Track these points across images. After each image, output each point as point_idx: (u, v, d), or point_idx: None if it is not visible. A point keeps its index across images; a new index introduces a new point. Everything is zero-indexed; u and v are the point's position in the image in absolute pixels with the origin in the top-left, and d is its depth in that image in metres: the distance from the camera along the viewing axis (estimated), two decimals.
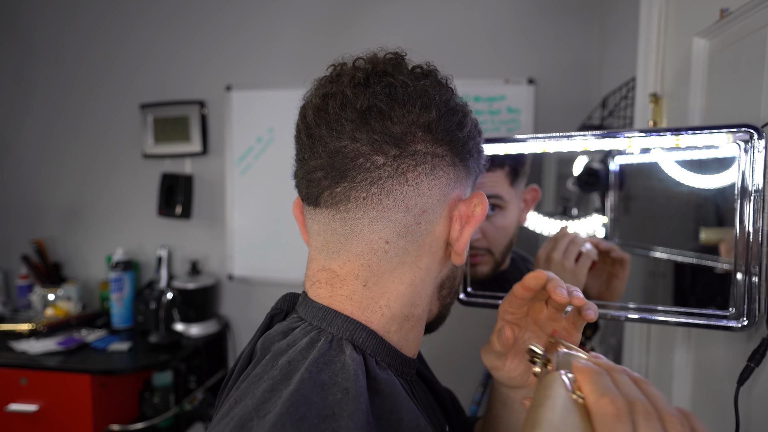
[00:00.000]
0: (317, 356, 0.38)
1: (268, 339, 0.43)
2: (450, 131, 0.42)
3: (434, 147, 0.42)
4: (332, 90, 0.41)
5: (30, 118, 2.04)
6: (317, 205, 0.43)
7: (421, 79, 0.42)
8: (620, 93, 1.12)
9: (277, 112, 1.77)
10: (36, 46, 2.01)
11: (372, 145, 0.40)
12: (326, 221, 0.43)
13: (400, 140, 0.40)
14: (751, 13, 0.63)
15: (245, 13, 1.80)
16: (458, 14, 1.64)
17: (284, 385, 0.36)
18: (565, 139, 0.65)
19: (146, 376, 1.62)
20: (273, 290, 1.83)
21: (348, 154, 0.40)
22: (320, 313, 0.43)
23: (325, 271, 0.44)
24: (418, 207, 0.42)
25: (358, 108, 0.40)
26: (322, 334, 0.41)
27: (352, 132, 0.40)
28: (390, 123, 0.40)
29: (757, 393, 0.61)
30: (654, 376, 0.93)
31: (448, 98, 0.43)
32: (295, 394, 0.34)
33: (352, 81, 0.41)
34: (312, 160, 0.42)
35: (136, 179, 1.94)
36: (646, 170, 0.83)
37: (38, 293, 1.78)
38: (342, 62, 0.45)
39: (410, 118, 0.40)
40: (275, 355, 0.40)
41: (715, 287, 0.70)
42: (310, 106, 0.43)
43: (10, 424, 1.40)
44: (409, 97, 0.40)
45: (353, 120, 0.40)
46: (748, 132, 0.55)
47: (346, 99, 0.40)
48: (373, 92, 0.40)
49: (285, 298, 0.50)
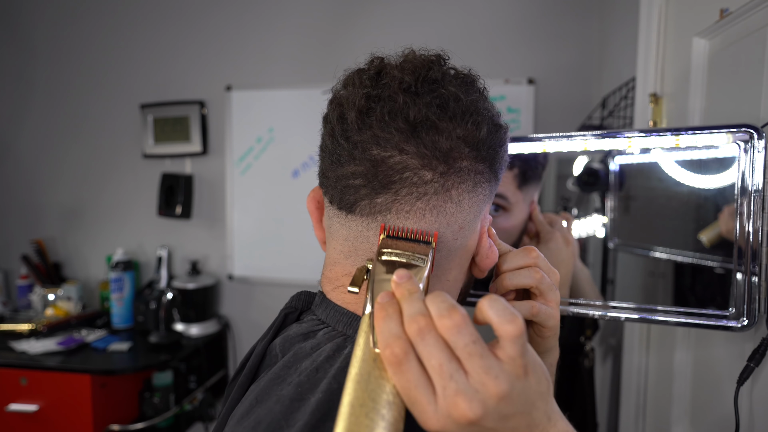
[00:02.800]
0: (344, 365, 0.37)
1: (288, 339, 0.43)
2: (493, 148, 0.41)
3: (476, 164, 0.40)
4: (378, 93, 0.39)
5: (30, 118, 2.04)
6: (351, 212, 0.41)
7: (471, 93, 0.41)
8: (620, 93, 1.12)
9: (277, 112, 1.77)
10: (36, 46, 2.01)
11: (421, 159, 0.38)
12: (359, 228, 0.41)
13: (448, 156, 0.38)
14: (751, 13, 0.63)
15: (245, 13, 1.80)
16: (458, 14, 1.64)
17: (312, 393, 0.35)
18: (565, 139, 0.65)
19: (146, 376, 1.62)
20: (273, 290, 1.83)
21: (394, 166, 0.38)
22: (345, 318, 0.42)
23: (350, 276, 0.43)
24: (457, 223, 0.41)
25: (411, 119, 0.37)
26: (348, 341, 0.40)
27: (401, 143, 0.38)
28: (439, 137, 0.38)
29: (757, 393, 0.61)
30: (654, 376, 0.93)
31: (494, 113, 0.42)
32: (324, 405, 0.34)
33: (401, 86, 0.38)
34: (350, 166, 0.40)
35: (136, 179, 1.94)
36: (646, 170, 0.83)
37: (38, 293, 1.78)
38: (378, 56, 0.42)
39: (458, 133, 0.39)
40: (298, 357, 0.39)
41: (715, 287, 0.70)
42: (350, 106, 0.39)
43: (10, 424, 1.40)
44: (461, 113, 0.39)
45: (403, 131, 0.38)
46: (748, 132, 0.55)
47: (396, 107, 0.38)
48: (426, 103, 0.38)
49: (300, 297, 0.49)
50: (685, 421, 0.81)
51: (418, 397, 0.29)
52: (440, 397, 0.28)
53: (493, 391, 0.28)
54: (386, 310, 0.31)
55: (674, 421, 0.83)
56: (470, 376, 0.29)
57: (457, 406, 0.28)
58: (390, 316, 0.30)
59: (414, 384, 0.29)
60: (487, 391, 0.28)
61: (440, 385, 0.28)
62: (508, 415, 0.29)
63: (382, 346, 0.30)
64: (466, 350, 0.29)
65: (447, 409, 0.28)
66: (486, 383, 0.28)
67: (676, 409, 0.83)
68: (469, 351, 0.29)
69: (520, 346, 0.29)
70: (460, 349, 0.29)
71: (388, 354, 0.29)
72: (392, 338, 0.29)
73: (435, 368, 0.29)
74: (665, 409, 0.86)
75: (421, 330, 0.29)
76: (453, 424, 0.28)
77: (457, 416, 0.28)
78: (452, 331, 0.29)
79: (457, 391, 0.28)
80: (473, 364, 0.28)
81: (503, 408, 0.29)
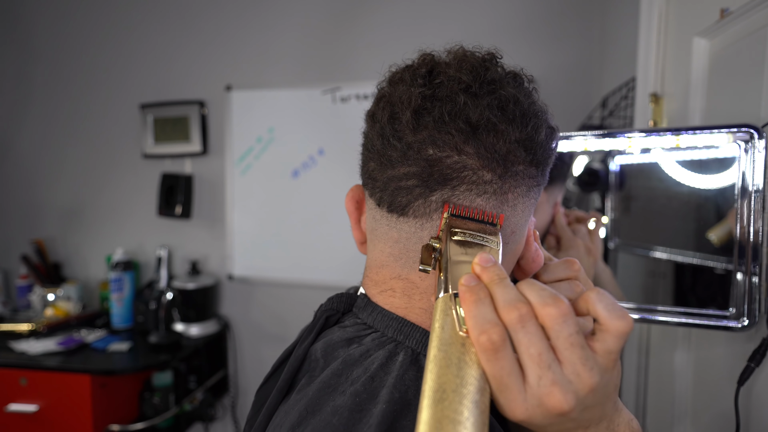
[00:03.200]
0: (401, 373, 0.36)
1: (330, 344, 0.42)
2: (546, 152, 0.40)
3: (530, 168, 0.39)
4: (434, 93, 0.38)
5: (30, 118, 2.04)
6: (404, 214, 0.40)
7: (530, 96, 0.40)
8: (620, 93, 1.12)
9: (277, 112, 1.77)
10: (36, 46, 2.01)
11: (481, 160, 0.37)
12: (412, 230, 0.40)
13: (505, 159, 0.38)
14: (751, 13, 0.62)
15: (245, 13, 1.80)
16: (458, 14, 1.64)
17: (372, 404, 0.34)
18: (565, 139, 0.65)
19: (146, 376, 1.62)
20: (273, 290, 1.83)
21: (452, 165, 0.37)
22: (395, 323, 0.41)
23: (401, 280, 0.42)
24: (510, 228, 0.40)
25: (473, 121, 0.36)
26: (400, 347, 0.39)
27: (460, 143, 0.37)
28: (497, 139, 0.37)
29: (757, 393, 0.61)
30: (654, 376, 0.93)
31: (548, 116, 0.41)
32: (390, 416, 0.33)
33: (459, 86, 0.37)
34: (402, 167, 0.38)
35: (136, 179, 1.94)
36: (646, 170, 0.83)
37: (38, 293, 1.78)
38: (429, 53, 0.41)
39: (515, 136, 0.38)
40: (347, 365, 0.38)
41: (716, 287, 0.70)
42: (406, 106, 0.38)
43: (10, 424, 1.40)
44: (521, 116, 0.38)
45: (464, 131, 0.37)
46: (749, 132, 0.55)
47: (457, 107, 0.37)
48: (487, 104, 0.37)
49: (341, 299, 0.47)
50: (686, 421, 0.81)
51: (510, 384, 0.28)
52: (533, 386, 0.28)
53: (588, 382, 0.28)
54: (477, 294, 0.30)
55: (674, 421, 0.83)
56: (565, 366, 0.28)
57: (552, 396, 0.27)
58: (482, 300, 0.29)
59: (507, 371, 0.28)
60: (581, 382, 0.28)
61: (536, 374, 0.28)
62: (590, 406, 0.29)
63: (477, 331, 0.28)
64: (569, 340, 0.28)
65: (540, 398, 0.28)
66: (581, 375, 0.28)
67: (676, 409, 0.83)
68: (572, 341, 0.28)
69: (623, 343, 0.29)
70: (563, 338, 0.28)
71: (485, 340, 0.28)
72: (488, 324, 0.28)
73: (533, 357, 0.28)
74: (665, 409, 0.86)
75: (522, 317, 0.28)
76: (541, 414, 0.28)
77: (550, 406, 0.27)
78: (558, 320, 0.28)
79: (554, 381, 0.27)
80: (573, 355, 0.28)
81: (589, 400, 0.29)
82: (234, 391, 1.85)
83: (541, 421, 0.28)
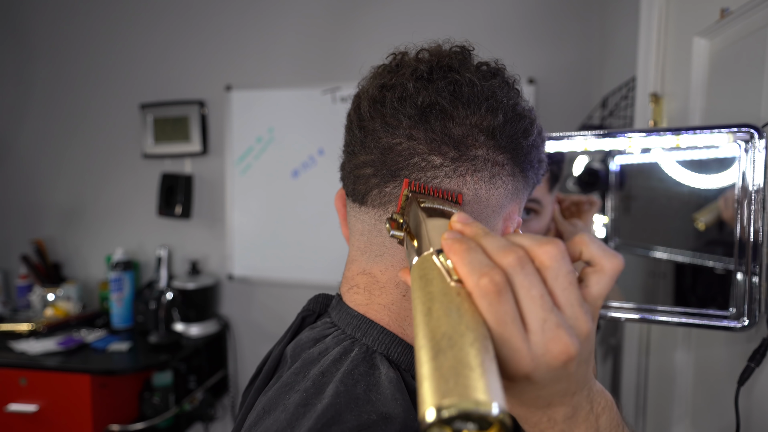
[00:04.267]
0: (351, 368, 0.36)
1: (299, 345, 0.42)
2: (514, 138, 0.39)
3: (495, 154, 0.38)
4: (391, 82, 0.38)
5: (30, 118, 2.04)
6: (363, 204, 0.41)
7: (489, 78, 0.39)
8: (620, 93, 1.12)
9: (277, 112, 1.77)
10: (36, 46, 2.01)
11: (429, 144, 0.37)
12: (372, 221, 0.40)
13: (460, 143, 0.37)
14: (751, 13, 0.62)
15: (245, 13, 1.80)
16: (458, 14, 1.64)
17: (318, 399, 0.34)
18: (566, 139, 0.65)
19: (146, 376, 1.62)
20: (273, 290, 1.83)
21: (402, 152, 0.37)
22: (355, 321, 0.41)
23: (365, 275, 0.42)
24: (473, 214, 0.38)
25: (419, 104, 0.37)
26: (356, 344, 0.39)
27: (409, 129, 0.37)
28: (451, 123, 0.37)
29: (757, 393, 0.61)
30: (654, 376, 0.93)
31: (516, 102, 0.39)
32: (330, 409, 0.33)
33: (414, 74, 0.38)
34: (362, 155, 0.39)
35: (136, 179, 1.94)
36: (646, 170, 0.83)
37: (38, 293, 1.78)
38: (403, 51, 0.42)
39: (473, 120, 0.37)
40: (306, 363, 0.39)
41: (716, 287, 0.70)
42: (365, 96, 0.40)
43: (10, 424, 1.40)
44: (475, 98, 0.37)
45: (411, 116, 0.37)
46: (749, 132, 0.55)
47: (406, 93, 0.37)
48: (437, 88, 0.37)
49: (317, 299, 0.48)
50: (686, 421, 0.81)
51: (513, 332, 0.25)
52: (537, 332, 0.25)
53: (585, 326, 0.26)
54: (467, 242, 0.27)
55: (674, 421, 0.83)
56: (564, 309, 0.26)
57: (559, 339, 0.25)
58: (474, 248, 0.26)
59: (511, 317, 0.25)
60: (579, 326, 0.26)
61: (540, 317, 0.25)
62: (583, 360, 0.27)
63: (476, 276, 0.25)
64: (567, 279, 0.26)
65: (545, 344, 0.25)
66: (579, 318, 0.26)
67: (676, 409, 0.83)
68: (570, 280, 0.26)
69: (612, 285, 0.28)
70: (562, 276, 0.26)
71: (486, 282, 0.25)
72: (487, 267, 0.25)
73: (536, 299, 0.25)
74: (665, 409, 0.86)
75: (521, 258, 0.26)
76: (546, 364, 0.25)
77: (557, 352, 0.25)
78: (557, 258, 0.26)
79: (558, 324, 0.25)
80: (572, 295, 0.26)
81: (584, 349, 0.27)
82: (234, 391, 1.85)
83: (545, 374, 0.26)
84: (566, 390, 0.28)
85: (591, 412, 0.31)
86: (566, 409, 0.30)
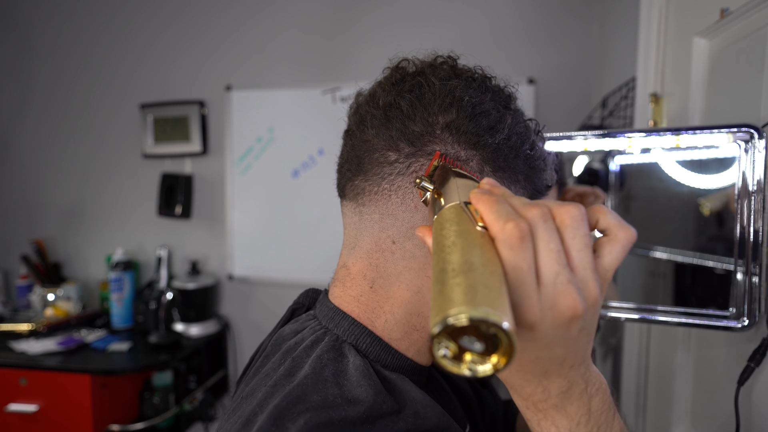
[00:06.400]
0: (320, 353, 0.38)
1: (281, 336, 0.44)
2: (478, 135, 0.40)
3: (457, 149, 0.40)
4: (372, 88, 0.44)
5: (30, 117, 2.04)
6: (344, 197, 0.45)
7: (450, 78, 0.41)
8: (620, 93, 1.12)
9: (277, 112, 1.77)
10: (36, 45, 2.01)
11: (387, 141, 0.41)
12: (350, 214, 0.44)
13: (417, 139, 0.40)
14: (751, 13, 0.62)
15: (245, 13, 1.80)
16: (458, 14, 1.64)
17: (287, 381, 0.36)
18: (566, 139, 0.65)
19: (146, 376, 1.62)
20: (273, 290, 1.83)
21: (368, 149, 0.42)
22: (330, 312, 0.43)
23: (343, 268, 0.44)
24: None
25: (380, 105, 0.41)
26: (328, 333, 0.41)
27: (376, 128, 0.41)
28: (411, 122, 0.40)
29: (757, 393, 0.61)
30: (654, 376, 0.93)
31: (482, 101, 0.41)
32: (297, 388, 0.35)
33: (389, 80, 0.43)
34: (344, 152, 0.45)
35: (136, 179, 1.94)
36: (646, 170, 0.83)
37: (38, 293, 1.78)
38: (404, 58, 0.45)
39: (431, 118, 0.40)
40: (284, 353, 0.40)
41: (716, 287, 0.70)
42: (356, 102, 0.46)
43: (10, 424, 1.40)
44: (433, 97, 0.40)
45: (376, 116, 0.41)
46: (749, 132, 0.55)
47: (374, 96, 0.42)
48: (399, 91, 0.41)
49: (307, 293, 0.50)
50: (686, 421, 0.81)
51: (527, 280, 0.26)
52: (549, 285, 0.26)
53: (593, 292, 0.27)
54: (495, 195, 0.29)
55: (674, 421, 0.83)
56: (576, 271, 0.27)
57: (568, 295, 0.26)
58: (501, 200, 0.28)
59: (529, 264, 0.26)
60: (588, 289, 0.27)
61: (553, 270, 0.26)
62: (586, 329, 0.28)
63: (502, 221, 0.26)
64: (583, 240, 0.27)
65: (554, 298, 0.26)
66: (589, 281, 0.27)
67: (676, 409, 0.83)
68: (586, 242, 0.27)
69: (624, 256, 0.29)
70: (579, 237, 0.27)
71: (512, 227, 0.26)
72: (513, 215, 0.27)
73: (553, 252, 0.27)
74: (665, 409, 0.86)
75: (545, 214, 0.27)
76: (551, 317, 0.27)
77: (564, 307, 0.26)
78: (577, 219, 0.27)
79: (569, 280, 0.26)
80: (584, 259, 0.27)
81: (589, 316, 0.28)
82: (234, 390, 1.85)
83: (550, 327, 0.27)
84: (564, 358, 0.29)
85: (585, 391, 0.31)
86: (562, 381, 0.30)
